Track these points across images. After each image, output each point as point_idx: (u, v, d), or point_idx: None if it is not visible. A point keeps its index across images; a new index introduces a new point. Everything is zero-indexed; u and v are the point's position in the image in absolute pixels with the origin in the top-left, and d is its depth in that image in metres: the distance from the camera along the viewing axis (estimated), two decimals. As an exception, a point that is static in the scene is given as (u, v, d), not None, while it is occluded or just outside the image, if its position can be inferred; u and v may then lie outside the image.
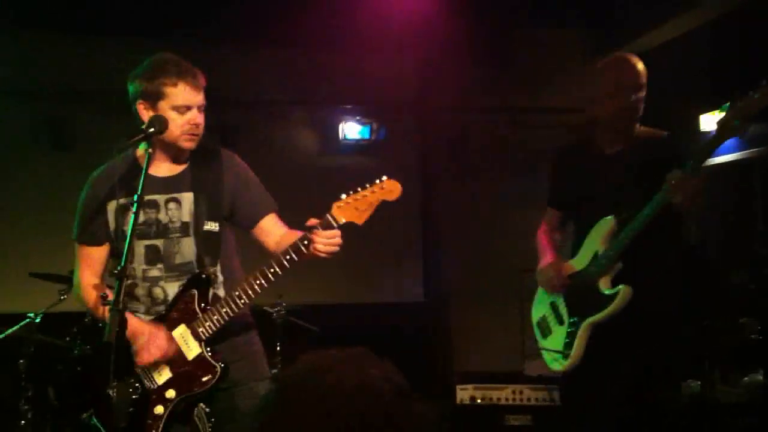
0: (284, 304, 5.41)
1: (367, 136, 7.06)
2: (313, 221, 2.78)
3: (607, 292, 3.24)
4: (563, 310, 3.45)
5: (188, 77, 2.84)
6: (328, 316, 5.84)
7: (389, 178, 2.81)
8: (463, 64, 6.89)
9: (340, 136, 7.09)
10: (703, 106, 6.39)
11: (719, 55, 6.09)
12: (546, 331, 3.54)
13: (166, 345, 2.81)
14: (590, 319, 3.29)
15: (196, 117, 2.85)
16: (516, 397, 5.30)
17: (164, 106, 2.83)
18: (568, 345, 3.37)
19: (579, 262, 3.39)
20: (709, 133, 6.22)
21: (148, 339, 2.79)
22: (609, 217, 3.25)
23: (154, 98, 2.83)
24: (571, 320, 3.39)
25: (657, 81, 3.36)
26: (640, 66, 3.30)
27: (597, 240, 3.29)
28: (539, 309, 3.60)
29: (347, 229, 2.79)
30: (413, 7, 6.17)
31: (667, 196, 3.03)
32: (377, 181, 2.81)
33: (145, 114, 2.86)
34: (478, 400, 5.38)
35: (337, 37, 6.31)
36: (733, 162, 6.19)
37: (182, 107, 2.82)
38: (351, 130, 7.08)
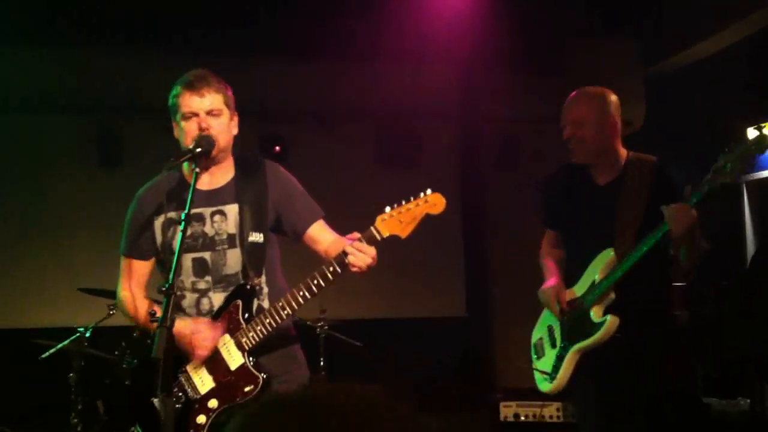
0: (327, 319, 5.44)
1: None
2: (356, 234, 2.79)
3: (596, 320, 3.33)
4: (557, 334, 3.54)
5: (190, 85, 2.88)
6: (371, 331, 5.84)
7: (434, 191, 2.80)
8: (513, 73, 6.87)
9: (385, 147, 7.10)
10: (750, 118, 6.29)
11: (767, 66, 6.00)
12: (540, 353, 3.63)
13: (212, 333, 2.84)
14: (578, 345, 3.39)
15: (203, 120, 2.87)
16: (560, 414, 5.25)
17: (179, 118, 2.91)
18: (556, 368, 3.48)
19: (579, 289, 3.46)
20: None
21: (193, 336, 2.81)
22: (609, 249, 3.33)
23: (173, 113, 2.93)
24: (562, 344, 3.48)
25: (705, 92, 3.36)
26: (613, 97, 3.44)
27: (596, 270, 3.37)
28: (538, 331, 3.70)
29: (390, 243, 2.78)
30: (460, 17, 6.16)
31: (666, 227, 3.10)
32: (421, 194, 2.80)
33: (175, 131, 2.96)
34: (522, 417, 5.33)
35: (384, 48, 6.32)
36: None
37: (187, 114, 2.88)
38: (394, 141, 7.08)
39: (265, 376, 2.83)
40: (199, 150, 2.77)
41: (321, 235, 3.03)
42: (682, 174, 3.49)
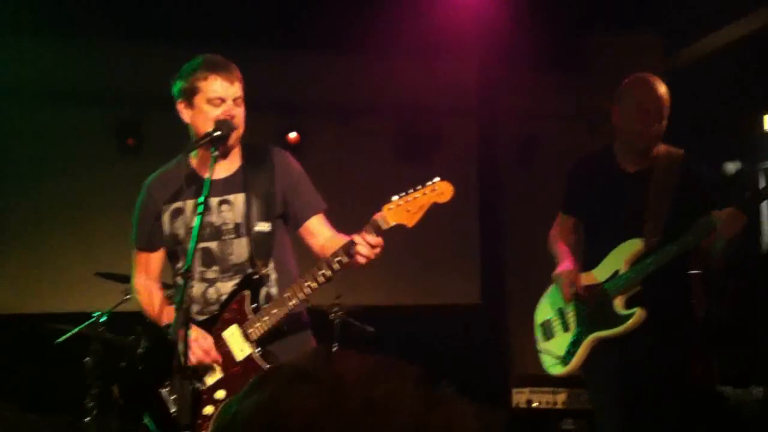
0: (342, 305, 5.45)
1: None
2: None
3: (622, 312, 3.32)
4: (571, 318, 3.50)
5: (220, 70, 2.83)
6: (385, 317, 5.85)
7: (441, 179, 2.76)
8: (532, 70, 6.83)
9: (403, 142, 7.06)
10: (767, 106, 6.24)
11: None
12: (549, 335, 3.60)
13: (210, 348, 2.83)
14: (597, 334, 3.38)
15: (231, 109, 2.83)
16: (573, 401, 5.24)
17: (199, 102, 2.84)
18: (570, 353, 3.47)
19: (599, 274, 3.42)
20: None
21: (194, 340, 2.77)
22: (638, 239, 3.32)
23: (189, 95, 2.86)
24: (578, 329, 3.46)
25: (722, 81, 3.34)
26: (663, 90, 3.34)
27: (621, 259, 3.34)
28: (545, 311, 3.64)
29: (406, 230, 2.75)
30: (479, 12, 6.12)
31: (716, 230, 3.12)
32: (429, 183, 2.75)
33: (185, 113, 2.90)
34: (534, 404, 5.33)
35: (403, 42, 6.28)
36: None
37: (215, 99, 2.82)
38: (412, 136, 7.04)
39: (269, 368, 2.80)
40: (219, 133, 2.76)
41: (319, 228, 3.01)
42: (701, 165, 3.50)
